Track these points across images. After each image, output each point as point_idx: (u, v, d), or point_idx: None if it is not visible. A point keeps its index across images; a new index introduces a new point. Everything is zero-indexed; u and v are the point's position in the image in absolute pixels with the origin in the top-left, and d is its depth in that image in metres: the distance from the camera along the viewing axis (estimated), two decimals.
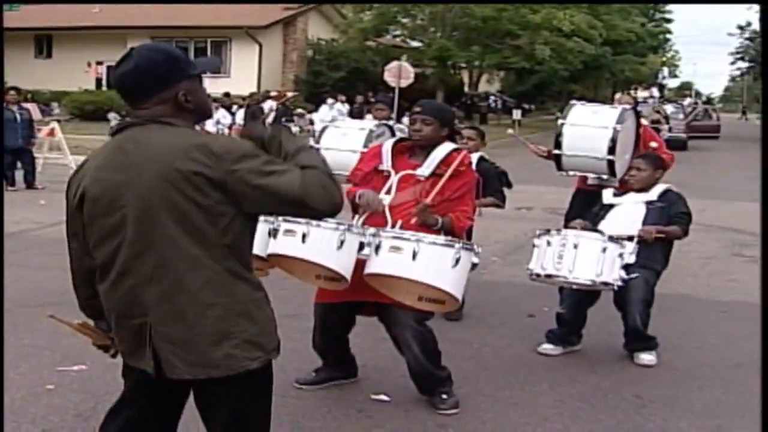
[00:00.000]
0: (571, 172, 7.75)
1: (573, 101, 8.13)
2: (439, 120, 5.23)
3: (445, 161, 5.15)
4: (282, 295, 5.72)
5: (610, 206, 6.54)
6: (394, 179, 5.17)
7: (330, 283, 4.85)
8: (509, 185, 7.54)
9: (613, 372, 6.10)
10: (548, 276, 5.86)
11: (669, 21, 62.18)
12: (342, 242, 4.57)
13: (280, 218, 4.62)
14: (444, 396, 5.23)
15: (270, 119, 3.21)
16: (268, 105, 22.30)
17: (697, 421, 5.24)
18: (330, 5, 42.86)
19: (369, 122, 8.30)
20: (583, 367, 6.18)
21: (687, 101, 49.61)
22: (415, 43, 45.00)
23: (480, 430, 5.01)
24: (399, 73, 28.96)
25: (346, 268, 4.63)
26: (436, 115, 5.25)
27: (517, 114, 41.59)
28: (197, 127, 3.09)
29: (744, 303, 8.38)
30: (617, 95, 11.15)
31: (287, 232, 4.65)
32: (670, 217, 6.34)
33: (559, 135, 7.61)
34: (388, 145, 5.38)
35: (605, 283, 5.80)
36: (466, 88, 49.18)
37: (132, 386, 3.22)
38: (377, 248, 4.65)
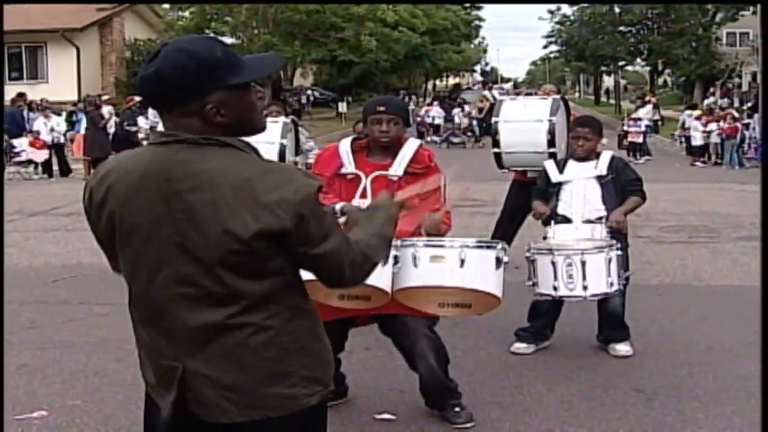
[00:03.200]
0: (513, 168, 7.68)
1: (501, 97, 8.07)
2: (402, 118, 5.01)
3: (415, 159, 4.95)
4: None
5: (559, 184, 6.38)
6: (366, 182, 4.92)
7: (354, 302, 4.53)
8: None
9: (597, 366, 6.03)
10: (561, 297, 5.69)
11: (480, 8, 63.66)
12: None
13: None
14: (457, 409, 5.00)
15: (111, 124, 2.69)
16: (106, 110, 21.49)
17: (709, 409, 5.23)
18: (145, 5, 41.54)
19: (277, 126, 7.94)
20: (565, 364, 6.08)
21: (507, 86, 51.06)
22: (230, 40, 44.17)
23: None
24: None
25: (388, 285, 4.36)
26: (401, 114, 5.02)
27: (342, 107, 41.70)
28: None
29: (672, 285, 8.59)
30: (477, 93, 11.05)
31: None
32: (622, 186, 6.26)
33: (495, 133, 7.53)
34: (346, 146, 5.08)
35: (615, 290, 5.71)
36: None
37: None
38: (414, 260, 4.36)
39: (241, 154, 2.49)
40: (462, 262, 4.34)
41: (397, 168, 4.92)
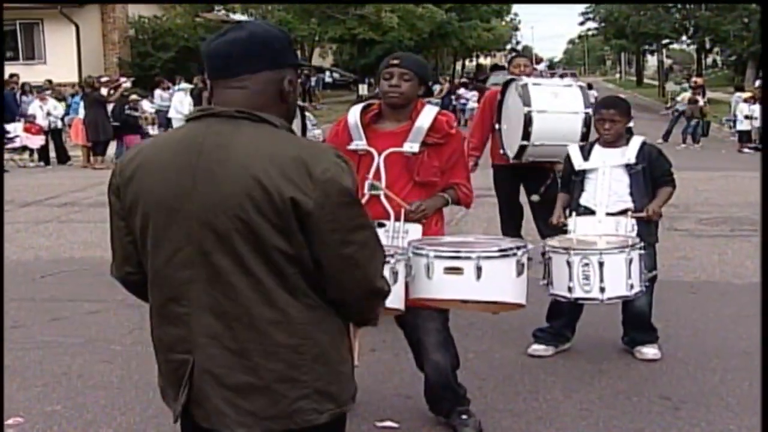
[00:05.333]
0: (525, 159, 7.72)
1: (514, 79, 8.00)
2: (418, 76, 4.75)
3: (434, 128, 4.74)
4: None
5: (583, 172, 6.30)
6: (379, 161, 4.72)
7: None
8: None
9: (621, 371, 5.98)
10: (576, 299, 5.64)
11: None
12: (396, 273, 4.24)
13: None
14: (464, 416, 4.96)
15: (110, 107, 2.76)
16: (104, 92, 21.49)
17: (743, 420, 5.17)
18: None
19: None
20: (586, 368, 6.03)
21: (541, 66, 50.83)
22: (242, 17, 44.20)
23: None
24: None
25: (401, 298, 4.33)
26: (417, 70, 4.75)
27: (363, 89, 41.54)
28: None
29: (708, 282, 8.51)
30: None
31: None
32: (655, 178, 6.16)
33: (528, 125, 7.46)
34: (355, 116, 4.86)
35: (637, 292, 5.63)
36: None
37: None
38: (428, 270, 4.34)
39: (275, 130, 2.59)
40: (479, 274, 4.30)
41: (413, 143, 4.70)
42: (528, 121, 7.43)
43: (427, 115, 4.78)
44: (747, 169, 18.64)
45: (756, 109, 24.50)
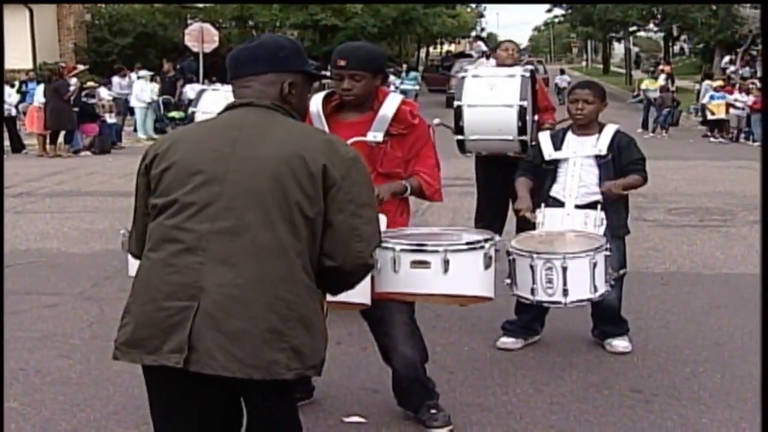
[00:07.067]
0: (483, 153, 7.71)
1: (465, 71, 7.97)
2: (371, 71, 4.67)
3: (397, 118, 4.73)
4: None
5: (555, 162, 6.28)
6: None
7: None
8: None
9: (591, 364, 6.00)
10: (539, 301, 5.62)
11: None
12: None
13: None
14: (433, 411, 4.94)
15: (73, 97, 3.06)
16: (74, 82, 21.28)
17: (715, 413, 5.20)
18: None
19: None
20: (557, 362, 6.05)
21: None
22: (201, 5, 43.87)
23: None
24: (201, 37, 28.18)
25: (366, 293, 4.27)
26: (367, 67, 4.65)
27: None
28: None
29: (678, 273, 8.56)
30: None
31: None
32: (623, 166, 6.13)
33: (459, 119, 7.46)
34: (316, 105, 4.80)
35: (601, 294, 5.61)
36: None
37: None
38: (394, 264, 4.30)
39: (304, 125, 3.32)
40: (446, 267, 4.26)
41: (377, 132, 4.69)
42: (458, 115, 7.44)
43: (391, 103, 4.77)
44: (716, 159, 18.84)
45: (740, 98, 24.61)
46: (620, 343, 6.21)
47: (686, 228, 10.86)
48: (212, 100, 7.19)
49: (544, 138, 6.36)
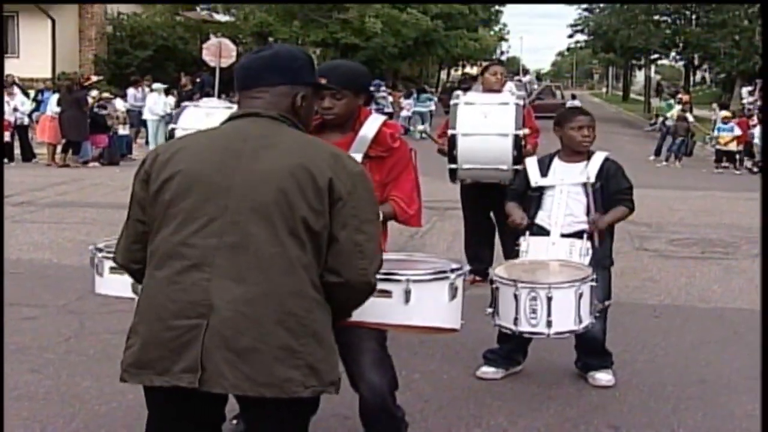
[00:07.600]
0: (468, 181, 7.62)
1: (457, 97, 7.86)
2: (353, 90, 4.56)
3: (377, 141, 4.61)
4: None
5: (541, 189, 6.15)
6: None
7: None
8: None
9: (571, 397, 5.84)
10: (522, 332, 5.47)
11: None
12: None
13: None
14: None
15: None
16: (94, 94, 21.28)
17: None
18: None
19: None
20: (536, 393, 5.90)
21: (527, 78, 50.83)
22: (224, 18, 44.01)
23: None
24: (219, 52, 28.18)
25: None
26: (347, 85, 4.53)
27: None
28: None
29: (672, 306, 8.37)
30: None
31: None
32: (611, 194, 6.01)
33: (452, 148, 7.37)
34: None
35: (585, 326, 5.46)
36: None
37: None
38: None
39: (310, 137, 3.21)
40: (407, 297, 4.13)
41: (356, 153, 4.49)
42: (452, 143, 7.33)
43: (371, 125, 4.63)
44: (726, 189, 18.61)
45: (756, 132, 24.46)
46: (603, 377, 6.06)
47: (686, 260, 10.66)
48: (193, 116, 7.04)
49: (531, 164, 6.23)
